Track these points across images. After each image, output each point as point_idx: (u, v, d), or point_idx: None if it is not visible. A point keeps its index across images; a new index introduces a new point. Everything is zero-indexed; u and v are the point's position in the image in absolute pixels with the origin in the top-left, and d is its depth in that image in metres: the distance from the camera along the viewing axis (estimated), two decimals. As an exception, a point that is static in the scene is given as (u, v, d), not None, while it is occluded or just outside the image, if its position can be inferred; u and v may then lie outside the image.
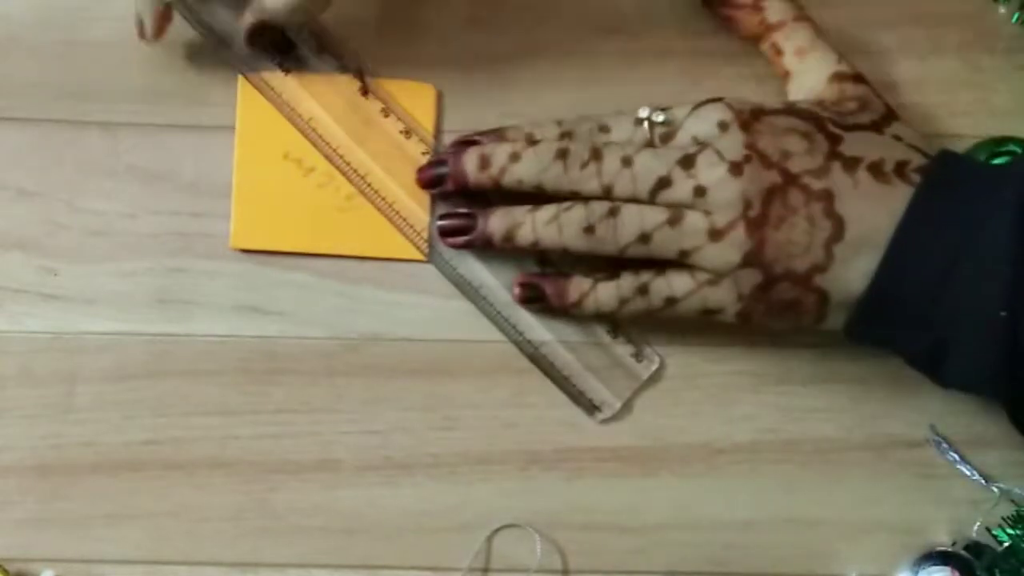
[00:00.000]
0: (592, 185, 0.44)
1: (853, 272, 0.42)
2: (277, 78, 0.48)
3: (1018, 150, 0.48)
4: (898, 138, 0.44)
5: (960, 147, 0.48)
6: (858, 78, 0.46)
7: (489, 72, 0.49)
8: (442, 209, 0.47)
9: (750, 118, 0.43)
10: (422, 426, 0.47)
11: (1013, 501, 0.47)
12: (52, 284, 0.48)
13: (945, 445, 0.47)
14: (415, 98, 0.48)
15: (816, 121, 0.44)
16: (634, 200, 0.44)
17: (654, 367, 0.48)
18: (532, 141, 0.46)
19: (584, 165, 0.44)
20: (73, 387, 0.47)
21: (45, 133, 0.48)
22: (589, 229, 0.44)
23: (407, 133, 0.48)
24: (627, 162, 0.44)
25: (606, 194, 0.44)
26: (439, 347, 0.48)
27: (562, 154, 0.44)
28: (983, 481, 0.47)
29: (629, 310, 0.45)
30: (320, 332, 0.48)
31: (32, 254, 0.48)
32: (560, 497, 0.47)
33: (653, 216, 0.43)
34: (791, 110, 0.44)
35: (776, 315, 0.44)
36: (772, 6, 0.47)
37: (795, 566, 0.47)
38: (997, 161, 0.48)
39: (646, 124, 0.45)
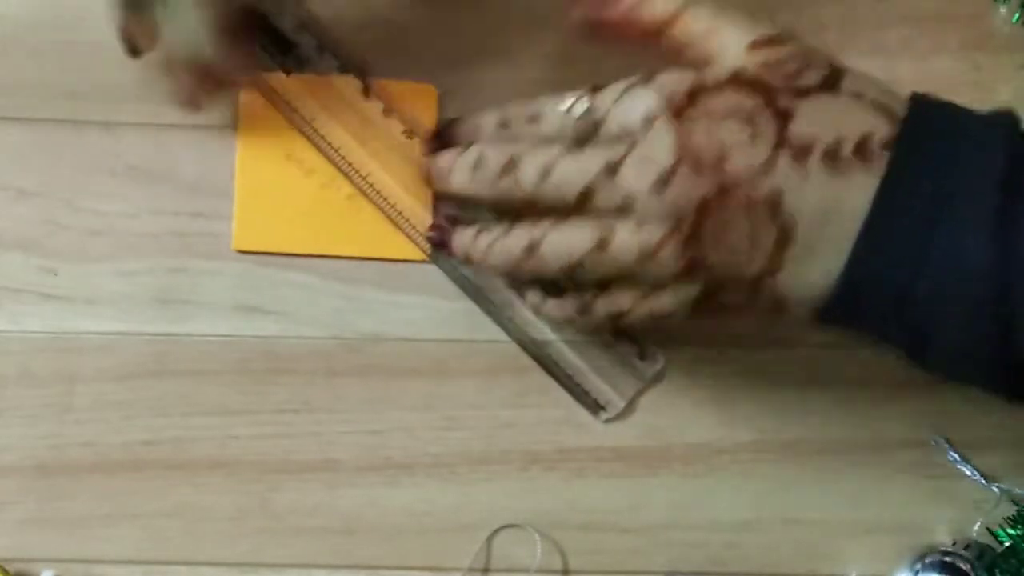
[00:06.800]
0: (516, 196, 0.42)
1: (811, 271, 0.39)
2: (278, 79, 0.48)
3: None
4: (858, 96, 0.39)
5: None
6: (780, 39, 0.41)
7: (490, 72, 0.49)
8: (437, 214, 0.47)
9: (684, 102, 0.39)
10: (422, 426, 0.47)
11: (1014, 501, 0.47)
12: (52, 284, 0.48)
13: (946, 445, 0.47)
14: (416, 98, 0.48)
15: (765, 93, 0.39)
16: (564, 205, 0.41)
17: (658, 365, 0.48)
18: (468, 144, 0.44)
19: (501, 174, 0.42)
20: (73, 387, 0.47)
21: (45, 133, 0.48)
22: (518, 263, 0.42)
23: (409, 133, 0.48)
24: (545, 173, 0.41)
25: (534, 203, 0.42)
26: (439, 347, 0.48)
27: (478, 164, 0.43)
28: (984, 481, 0.47)
29: (579, 326, 0.45)
30: (320, 332, 0.48)
31: (32, 254, 0.48)
32: (560, 497, 0.47)
33: (579, 242, 0.40)
34: (737, 80, 0.39)
35: (732, 314, 0.42)
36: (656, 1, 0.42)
37: (795, 566, 0.47)
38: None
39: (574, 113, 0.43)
